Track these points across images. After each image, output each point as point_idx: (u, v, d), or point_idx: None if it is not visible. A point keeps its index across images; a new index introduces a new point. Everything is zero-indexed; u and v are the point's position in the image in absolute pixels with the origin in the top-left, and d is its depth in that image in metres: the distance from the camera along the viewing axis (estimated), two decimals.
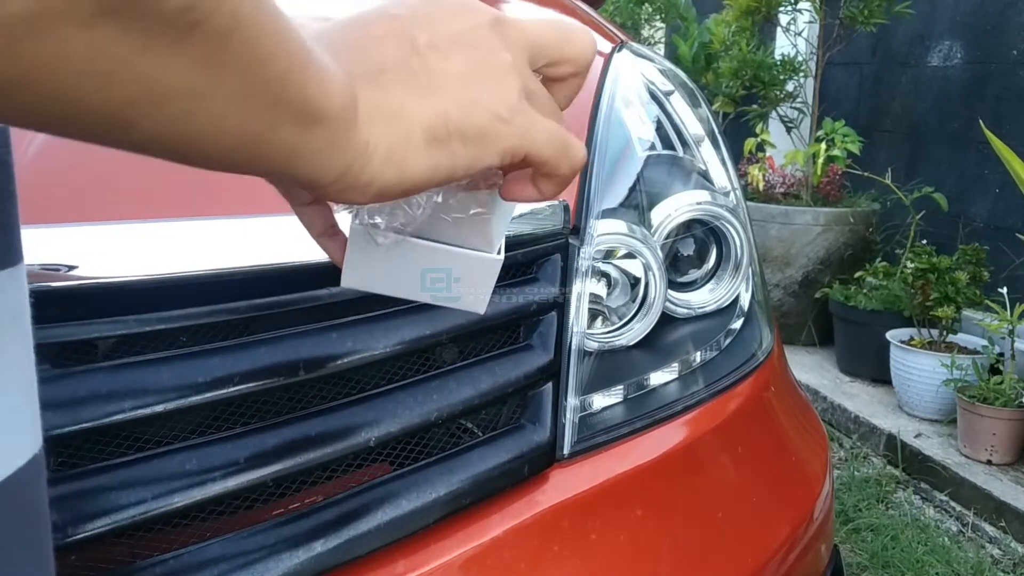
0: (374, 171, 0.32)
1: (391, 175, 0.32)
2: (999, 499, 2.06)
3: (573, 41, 0.38)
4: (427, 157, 0.32)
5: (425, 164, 0.32)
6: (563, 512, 0.67)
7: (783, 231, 3.03)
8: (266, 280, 0.59)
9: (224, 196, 0.60)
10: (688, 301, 0.83)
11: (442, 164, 0.33)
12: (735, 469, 0.81)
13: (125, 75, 0.24)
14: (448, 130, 0.33)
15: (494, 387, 0.67)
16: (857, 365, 2.84)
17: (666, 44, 4.93)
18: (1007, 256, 2.66)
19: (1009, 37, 2.80)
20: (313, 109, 0.29)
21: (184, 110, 0.26)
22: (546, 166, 0.36)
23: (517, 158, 0.35)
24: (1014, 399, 2.18)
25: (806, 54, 3.29)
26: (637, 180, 0.81)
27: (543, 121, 0.35)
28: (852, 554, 1.99)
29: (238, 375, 0.57)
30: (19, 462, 0.32)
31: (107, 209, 0.58)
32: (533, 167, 0.37)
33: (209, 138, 0.27)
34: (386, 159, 0.32)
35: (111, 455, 0.55)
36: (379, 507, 0.60)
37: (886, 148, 3.37)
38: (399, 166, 0.32)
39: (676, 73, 0.92)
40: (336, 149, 0.30)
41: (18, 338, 0.32)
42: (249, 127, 0.28)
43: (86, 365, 0.54)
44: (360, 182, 0.32)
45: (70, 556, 0.52)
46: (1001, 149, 2.10)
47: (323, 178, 0.31)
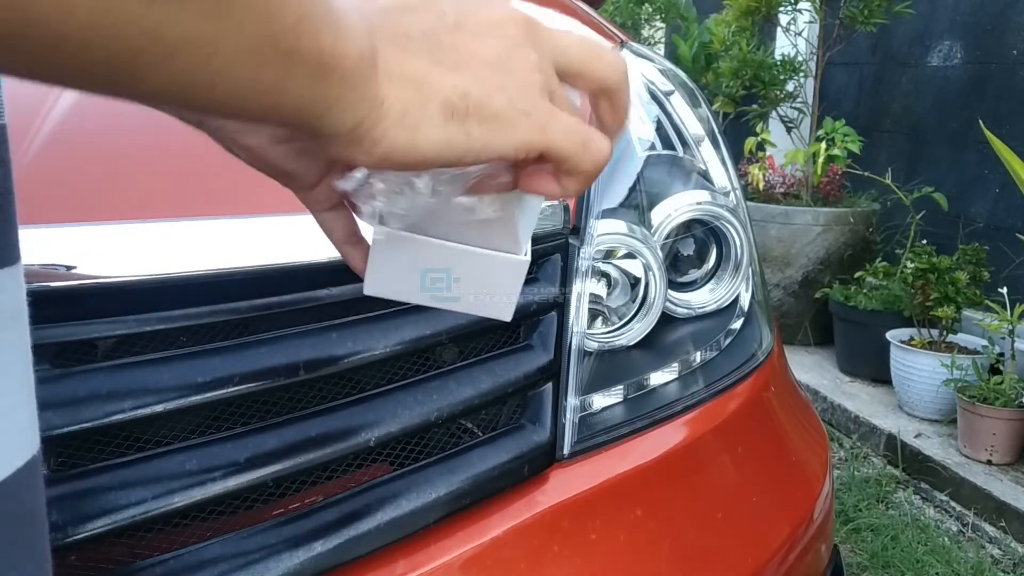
0: (385, 131, 0.31)
1: (402, 139, 0.31)
2: (999, 499, 2.06)
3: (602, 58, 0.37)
4: (442, 130, 0.32)
5: (438, 137, 0.32)
6: (563, 512, 0.67)
7: (783, 231, 3.03)
8: (266, 280, 0.59)
9: (224, 196, 0.60)
10: (688, 301, 0.83)
11: (455, 141, 0.32)
12: (735, 469, 0.81)
13: (132, 27, 0.23)
14: (467, 107, 0.32)
15: (494, 387, 0.67)
16: (857, 365, 2.84)
17: (666, 44, 4.93)
18: (1007, 256, 2.66)
19: (1009, 37, 2.80)
20: (328, 60, 0.29)
21: (193, 61, 0.25)
22: (567, 163, 0.36)
23: (533, 153, 0.35)
24: (1014, 399, 2.18)
25: (806, 54, 3.29)
26: (637, 180, 0.81)
27: (563, 117, 0.35)
28: (852, 554, 1.99)
29: (238, 375, 0.57)
30: (17, 463, 0.32)
31: (107, 209, 0.58)
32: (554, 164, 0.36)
33: (220, 88, 0.27)
34: (399, 121, 0.31)
35: (111, 455, 0.55)
36: (379, 507, 0.60)
37: (886, 148, 3.37)
38: (411, 132, 0.31)
39: (676, 73, 0.92)
40: (350, 101, 0.30)
41: (16, 338, 0.32)
42: (261, 77, 0.27)
43: (86, 365, 0.54)
44: (369, 139, 0.31)
45: (70, 556, 0.52)
46: (1001, 149, 2.10)
47: (334, 128, 0.30)
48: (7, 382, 0.31)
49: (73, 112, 0.62)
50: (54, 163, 0.59)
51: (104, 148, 0.62)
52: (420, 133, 0.32)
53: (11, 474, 0.31)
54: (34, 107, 0.61)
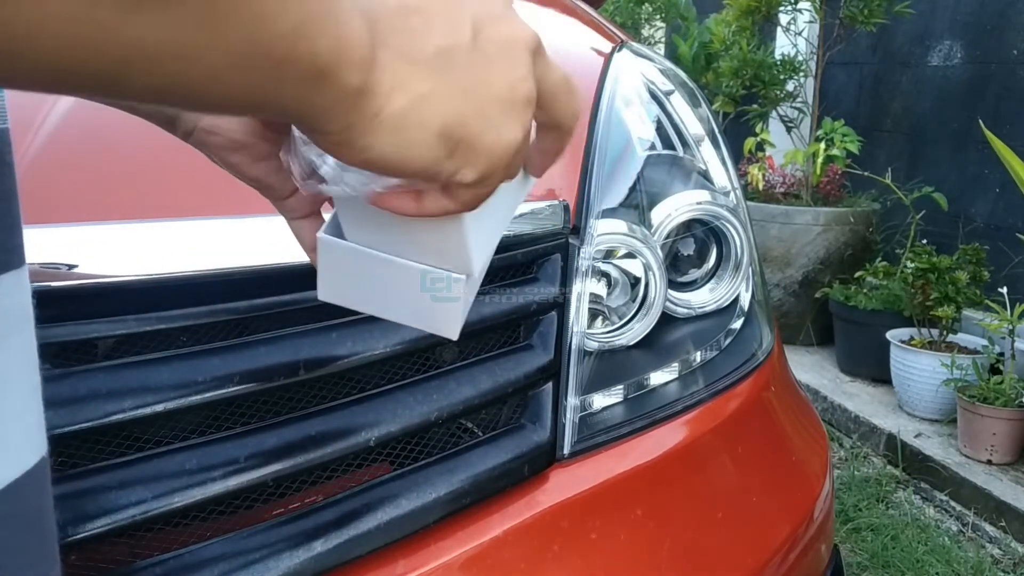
0: (376, 139, 0.31)
1: (391, 150, 0.31)
2: (999, 499, 2.06)
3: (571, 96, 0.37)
4: (430, 151, 0.32)
5: (425, 156, 0.32)
6: (563, 512, 0.67)
7: (783, 231, 3.03)
8: (266, 280, 0.59)
9: (224, 196, 0.60)
10: (688, 301, 0.83)
11: (437, 162, 0.32)
12: (735, 469, 0.81)
13: (114, 39, 0.23)
14: (460, 137, 0.32)
15: (494, 387, 0.67)
16: (857, 365, 2.84)
17: (666, 44, 4.93)
18: (1007, 256, 2.66)
19: (1009, 37, 2.80)
20: (323, 67, 0.28)
21: (178, 69, 0.25)
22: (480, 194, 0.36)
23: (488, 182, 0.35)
24: (1014, 399, 2.18)
25: (806, 54, 3.29)
26: (637, 180, 0.81)
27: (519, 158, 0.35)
28: (852, 554, 1.99)
29: (238, 375, 0.57)
30: (27, 465, 0.32)
31: (107, 209, 0.58)
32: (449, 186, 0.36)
33: (208, 92, 0.26)
34: (391, 135, 0.31)
35: (111, 455, 0.55)
36: (379, 507, 0.60)
37: (886, 148, 3.37)
38: (401, 147, 0.31)
39: (676, 73, 0.92)
40: (342, 109, 0.29)
41: (23, 341, 0.32)
42: (252, 82, 0.27)
43: (86, 365, 0.54)
44: (359, 144, 0.31)
45: (71, 556, 0.52)
46: (1001, 149, 2.10)
47: (322, 128, 0.30)
48: (16, 386, 0.31)
49: (73, 112, 0.62)
50: (54, 163, 0.59)
51: (104, 148, 0.62)
52: (411, 148, 0.31)
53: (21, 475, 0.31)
54: (34, 107, 0.61)
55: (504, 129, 0.33)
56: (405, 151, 0.31)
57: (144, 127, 0.43)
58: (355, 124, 0.30)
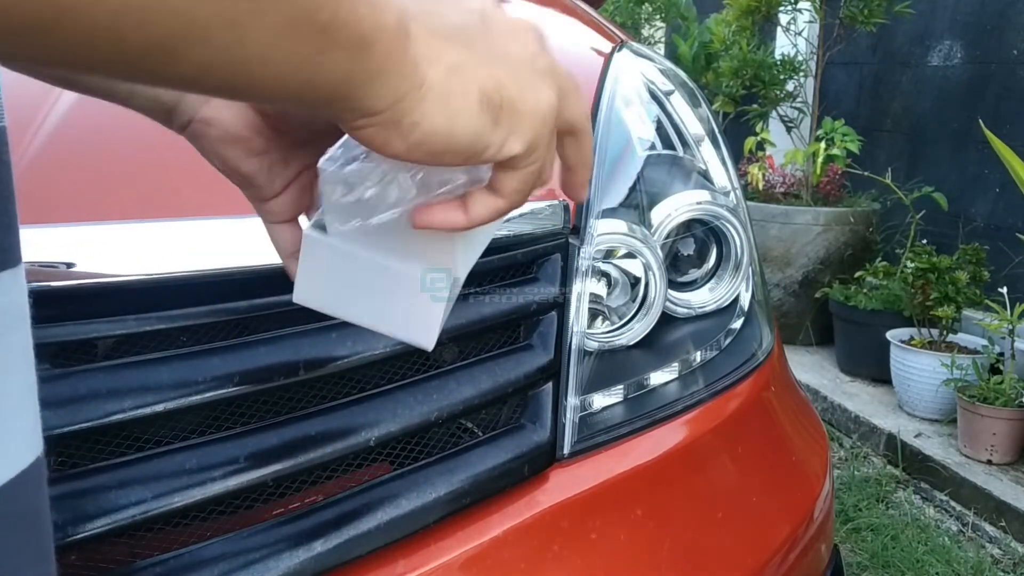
0: (424, 114, 0.31)
1: (440, 122, 0.31)
2: (999, 499, 2.06)
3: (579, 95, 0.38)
4: (476, 119, 0.32)
5: (473, 125, 0.32)
6: (563, 512, 0.67)
7: (783, 231, 3.02)
8: (266, 280, 0.59)
9: (224, 196, 0.60)
10: (688, 301, 0.83)
11: (483, 133, 0.33)
12: (735, 469, 0.81)
13: (162, 10, 0.23)
14: (502, 98, 0.33)
15: (494, 387, 0.67)
16: (857, 365, 2.84)
17: (666, 44, 4.93)
18: (1007, 256, 2.66)
19: (1009, 37, 2.80)
20: (368, 32, 0.28)
21: (228, 40, 0.25)
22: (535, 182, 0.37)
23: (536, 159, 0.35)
24: (1014, 399, 2.18)
25: (806, 54, 3.29)
26: (637, 180, 0.81)
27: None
28: (852, 554, 1.99)
29: (238, 375, 0.57)
30: (22, 465, 0.32)
31: (107, 209, 0.58)
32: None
33: (257, 67, 0.27)
34: (440, 105, 0.31)
35: (111, 455, 0.55)
36: (379, 507, 0.60)
37: (886, 148, 3.37)
38: (450, 116, 0.32)
39: (676, 73, 0.92)
40: (389, 76, 0.30)
41: (19, 341, 0.32)
42: (298, 52, 0.27)
43: (85, 365, 0.54)
44: (408, 120, 0.31)
45: (70, 556, 0.52)
46: (1001, 149, 2.10)
47: (372, 105, 0.30)
48: (11, 385, 0.31)
49: (73, 111, 0.62)
50: (54, 162, 0.59)
51: (104, 148, 0.62)
52: (458, 119, 0.32)
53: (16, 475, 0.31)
54: (34, 107, 0.61)
55: (540, 91, 0.34)
56: (454, 121, 0.32)
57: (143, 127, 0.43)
58: (404, 97, 0.30)
